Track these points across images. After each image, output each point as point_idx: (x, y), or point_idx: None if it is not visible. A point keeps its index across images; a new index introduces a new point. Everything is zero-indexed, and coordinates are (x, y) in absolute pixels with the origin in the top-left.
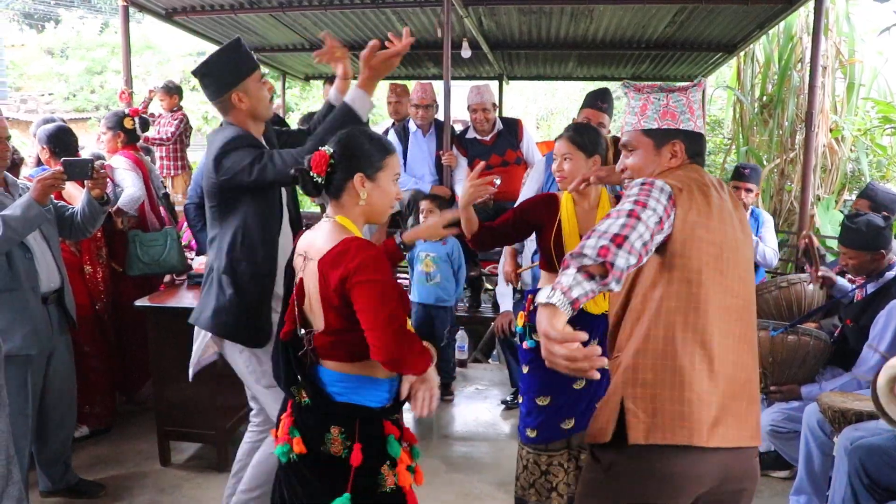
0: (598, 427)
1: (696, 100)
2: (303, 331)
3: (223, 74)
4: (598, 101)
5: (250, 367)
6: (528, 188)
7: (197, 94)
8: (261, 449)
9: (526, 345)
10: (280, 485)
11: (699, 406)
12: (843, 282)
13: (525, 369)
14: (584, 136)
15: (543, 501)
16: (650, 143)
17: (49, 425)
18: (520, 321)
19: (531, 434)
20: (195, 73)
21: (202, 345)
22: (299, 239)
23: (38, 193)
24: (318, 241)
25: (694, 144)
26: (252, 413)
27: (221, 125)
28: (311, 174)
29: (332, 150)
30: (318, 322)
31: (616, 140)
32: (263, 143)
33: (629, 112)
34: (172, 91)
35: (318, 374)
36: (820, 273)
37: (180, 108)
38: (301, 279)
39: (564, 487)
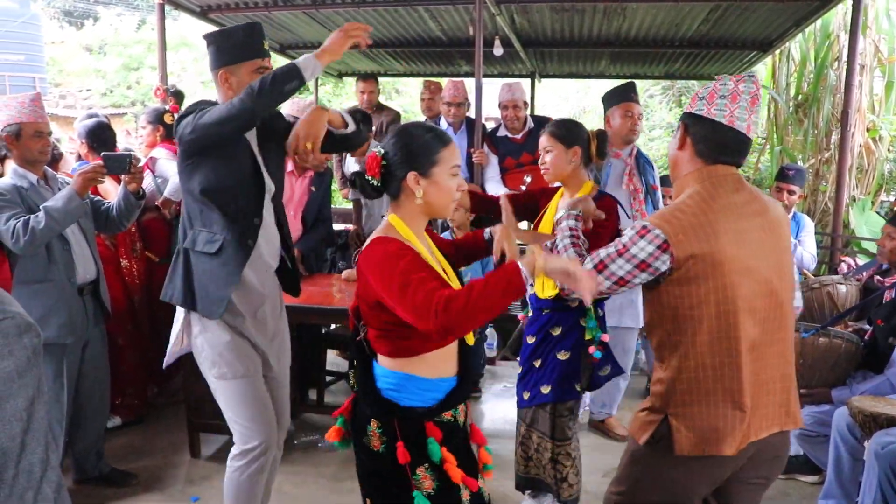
0: (638, 428)
1: (742, 90)
2: (360, 323)
3: (222, 49)
4: (631, 94)
5: (203, 352)
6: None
7: None
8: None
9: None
10: None
11: (732, 420)
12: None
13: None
14: (562, 128)
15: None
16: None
17: (83, 414)
18: None
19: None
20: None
21: (177, 336)
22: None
23: (78, 186)
24: (371, 240)
25: (710, 133)
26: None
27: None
28: (367, 177)
29: (383, 151)
30: (366, 316)
31: (600, 133)
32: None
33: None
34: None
35: (370, 364)
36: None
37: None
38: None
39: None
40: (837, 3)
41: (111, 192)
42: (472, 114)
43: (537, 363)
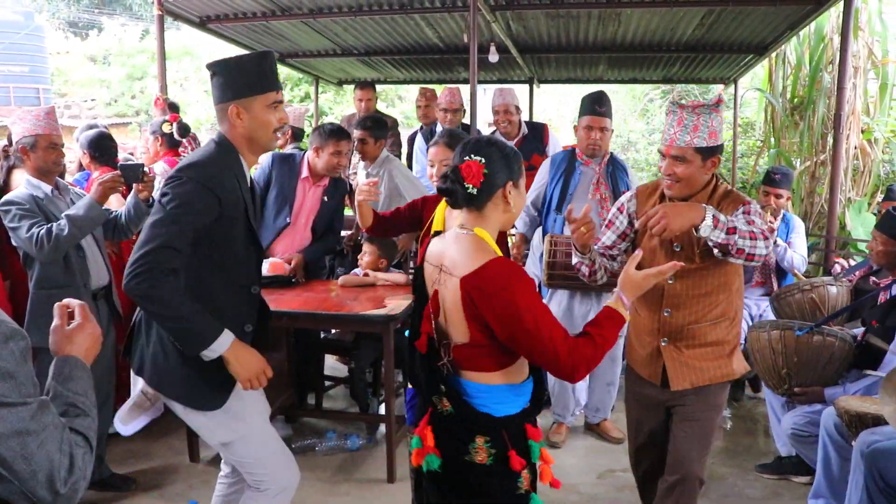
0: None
1: (724, 114)
2: (440, 342)
3: (232, 80)
4: (596, 106)
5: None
6: (532, 186)
7: None
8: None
9: None
10: (421, 492)
11: None
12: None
13: None
14: (458, 141)
15: None
16: (699, 157)
17: None
18: None
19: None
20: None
21: (139, 398)
22: (427, 247)
23: (98, 195)
24: (457, 255)
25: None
26: (222, 462)
27: (214, 140)
28: (465, 185)
29: (483, 159)
30: (457, 334)
31: None
32: (246, 175)
33: (681, 128)
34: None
35: (460, 384)
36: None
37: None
38: (437, 291)
39: None
40: (830, 7)
41: (112, 202)
42: (468, 120)
43: None
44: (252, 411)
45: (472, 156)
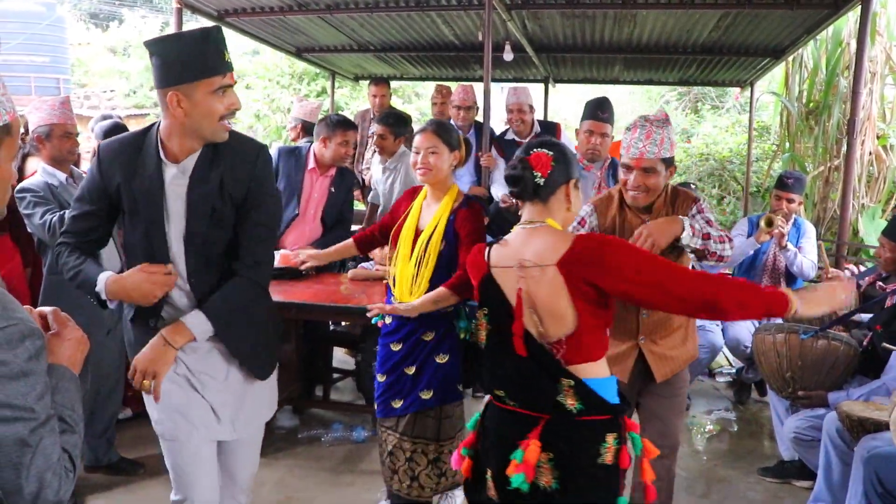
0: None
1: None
2: (543, 341)
3: (170, 63)
4: (599, 112)
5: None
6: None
7: (251, 91)
8: None
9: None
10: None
11: None
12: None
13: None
14: (447, 132)
15: (405, 489)
16: (664, 167)
17: (97, 399)
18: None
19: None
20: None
21: None
22: (490, 254)
23: None
24: (540, 246)
25: None
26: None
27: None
28: (534, 173)
29: (551, 152)
30: (560, 326)
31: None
32: (161, 167)
33: (650, 142)
34: None
35: (583, 383)
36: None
37: None
38: (520, 290)
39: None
40: (847, 11)
41: None
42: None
43: (410, 370)
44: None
45: (540, 148)
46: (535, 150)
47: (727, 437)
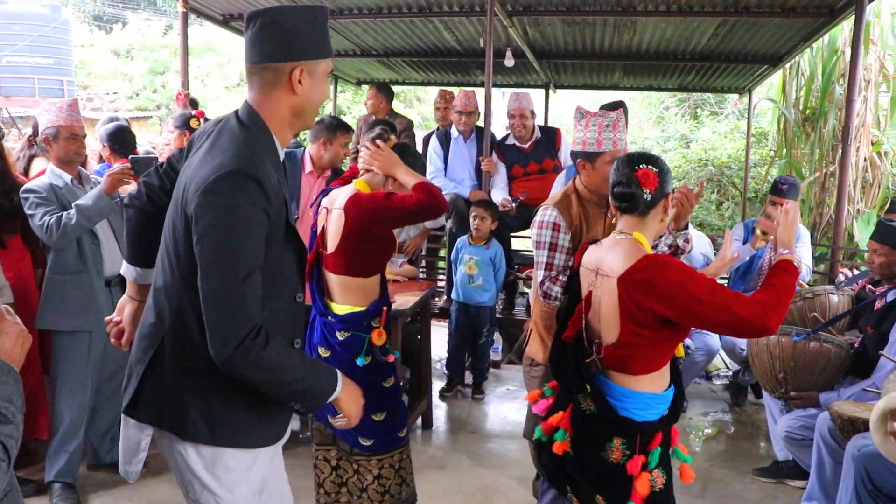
0: None
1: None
2: (590, 341)
3: (296, 35)
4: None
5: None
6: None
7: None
8: None
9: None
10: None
11: None
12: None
13: None
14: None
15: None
16: None
17: (101, 398)
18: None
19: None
20: (259, 13)
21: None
22: (585, 253)
23: (108, 186)
24: (614, 258)
25: None
26: None
27: (236, 116)
28: (643, 190)
29: (656, 169)
30: (608, 334)
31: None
32: (280, 159)
33: (622, 131)
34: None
35: (605, 385)
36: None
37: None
38: (590, 292)
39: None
40: (842, 20)
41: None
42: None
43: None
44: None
45: (644, 165)
46: (639, 166)
47: (724, 439)
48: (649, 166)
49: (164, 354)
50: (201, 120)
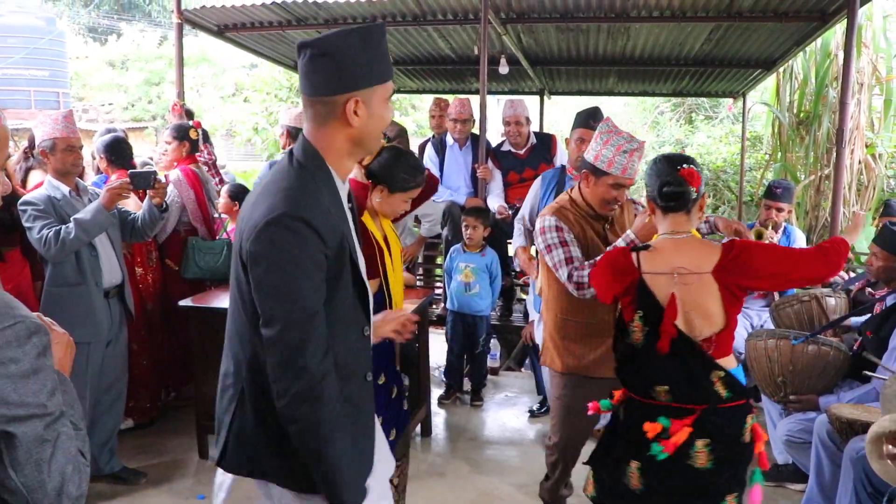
0: None
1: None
2: (695, 339)
3: (349, 64)
4: (591, 121)
5: None
6: (525, 201)
7: (249, 104)
8: None
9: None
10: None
11: None
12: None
13: None
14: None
15: None
16: None
17: (100, 409)
18: None
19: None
20: (308, 44)
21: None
22: (642, 261)
23: (106, 201)
24: (693, 255)
25: None
26: None
27: (290, 154)
28: (690, 188)
29: (696, 168)
30: (710, 326)
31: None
32: (340, 193)
33: (640, 163)
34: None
35: (727, 370)
36: None
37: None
38: (674, 295)
39: None
40: (834, 24)
41: (130, 204)
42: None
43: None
44: None
45: (686, 164)
46: (682, 165)
47: None
48: (691, 165)
49: (245, 403)
50: (199, 131)
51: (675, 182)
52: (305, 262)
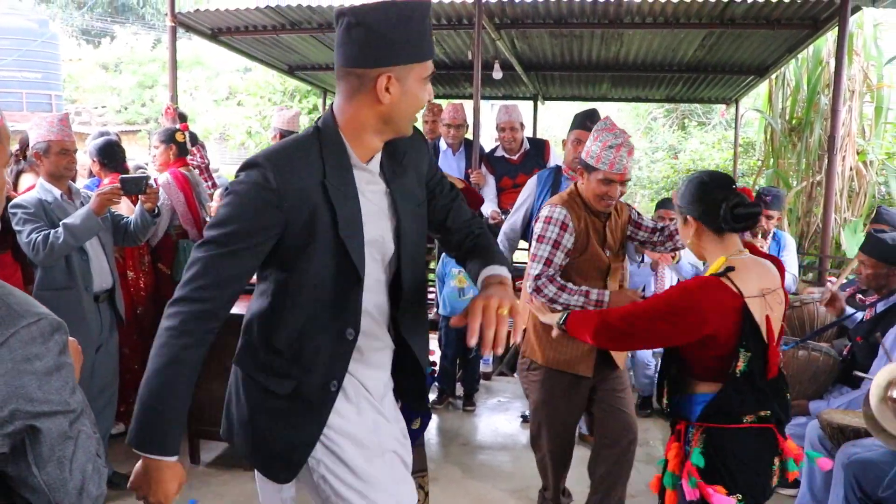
0: None
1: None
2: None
3: (385, 37)
4: (588, 122)
5: None
6: (518, 201)
7: (243, 108)
8: None
9: None
10: None
11: None
12: (850, 310)
13: None
14: None
15: None
16: None
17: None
18: None
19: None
20: (345, 12)
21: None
22: (735, 283)
23: (97, 206)
24: (767, 274)
25: None
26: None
27: (315, 124)
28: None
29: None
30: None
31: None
32: (347, 167)
33: (630, 157)
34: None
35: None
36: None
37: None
38: (768, 317)
39: None
40: (826, 32)
41: (122, 207)
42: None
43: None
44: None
45: (734, 183)
46: (735, 185)
47: None
48: (741, 185)
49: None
50: (186, 133)
51: (746, 202)
52: (248, 203)
